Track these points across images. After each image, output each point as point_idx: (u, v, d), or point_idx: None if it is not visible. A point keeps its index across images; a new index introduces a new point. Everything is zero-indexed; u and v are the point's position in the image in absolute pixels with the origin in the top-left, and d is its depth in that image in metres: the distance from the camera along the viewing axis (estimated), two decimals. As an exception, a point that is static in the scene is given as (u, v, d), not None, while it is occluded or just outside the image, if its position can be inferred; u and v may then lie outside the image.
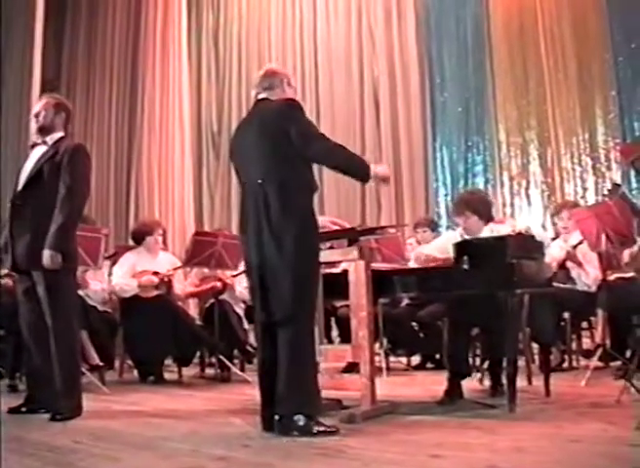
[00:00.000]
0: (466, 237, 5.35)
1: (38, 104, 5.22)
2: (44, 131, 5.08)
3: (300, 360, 4.05)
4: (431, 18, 12.18)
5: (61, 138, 5.09)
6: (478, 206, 5.56)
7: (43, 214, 4.81)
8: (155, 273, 7.14)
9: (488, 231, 5.44)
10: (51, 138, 5.06)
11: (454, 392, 5.08)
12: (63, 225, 4.79)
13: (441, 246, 5.62)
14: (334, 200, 12.06)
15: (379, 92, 12.22)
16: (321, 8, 12.86)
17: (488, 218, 5.56)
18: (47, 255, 4.72)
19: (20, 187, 4.98)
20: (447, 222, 11.31)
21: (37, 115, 5.12)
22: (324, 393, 4.78)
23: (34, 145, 5.16)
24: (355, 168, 4.35)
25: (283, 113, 4.26)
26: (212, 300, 7.49)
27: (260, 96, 4.51)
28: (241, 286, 7.32)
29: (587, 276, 6.65)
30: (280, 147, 4.19)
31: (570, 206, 7.26)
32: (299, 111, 4.28)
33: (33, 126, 5.16)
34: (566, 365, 6.87)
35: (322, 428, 3.95)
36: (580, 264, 6.66)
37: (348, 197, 11.98)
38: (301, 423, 3.92)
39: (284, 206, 4.09)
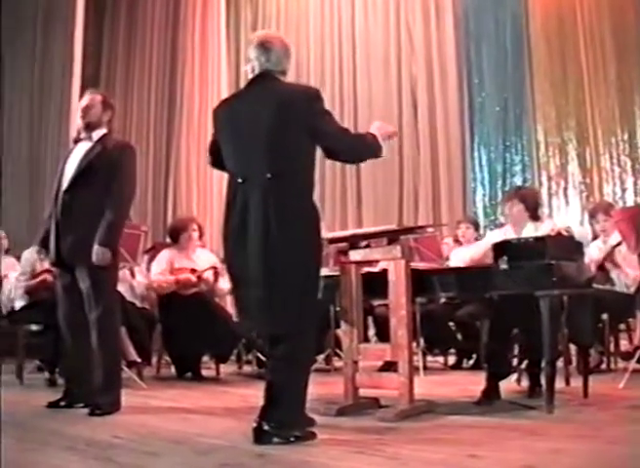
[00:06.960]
0: (507, 237, 5.32)
1: (85, 99, 5.22)
2: (90, 126, 5.10)
3: (293, 375, 3.79)
4: (470, 17, 12.21)
5: (105, 135, 5.11)
6: (527, 197, 5.61)
7: (92, 210, 4.85)
8: (193, 270, 7.18)
9: (532, 229, 5.43)
10: (96, 134, 5.08)
11: (491, 392, 5.06)
12: (114, 222, 4.86)
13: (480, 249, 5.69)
14: (371, 200, 12.09)
15: (417, 91, 12.22)
16: (359, 6, 12.88)
17: (533, 214, 5.56)
18: (98, 252, 4.77)
19: (67, 183, 5.00)
20: (484, 222, 11.29)
21: (85, 110, 5.11)
22: (362, 391, 4.81)
23: (78, 140, 5.17)
24: (372, 150, 4.02)
25: (311, 104, 3.86)
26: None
27: (266, 67, 3.96)
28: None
29: (627, 277, 6.60)
30: (300, 140, 3.82)
31: (604, 207, 7.19)
32: (323, 104, 3.92)
33: (79, 120, 5.16)
34: (604, 366, 6.82)
35: (298, 433, 3.73)
36: (617, 265, 6.62)
37: (386, 197, 12.00)
38: (272, 430, 3.68)
39: (298, 207, 3.76)
